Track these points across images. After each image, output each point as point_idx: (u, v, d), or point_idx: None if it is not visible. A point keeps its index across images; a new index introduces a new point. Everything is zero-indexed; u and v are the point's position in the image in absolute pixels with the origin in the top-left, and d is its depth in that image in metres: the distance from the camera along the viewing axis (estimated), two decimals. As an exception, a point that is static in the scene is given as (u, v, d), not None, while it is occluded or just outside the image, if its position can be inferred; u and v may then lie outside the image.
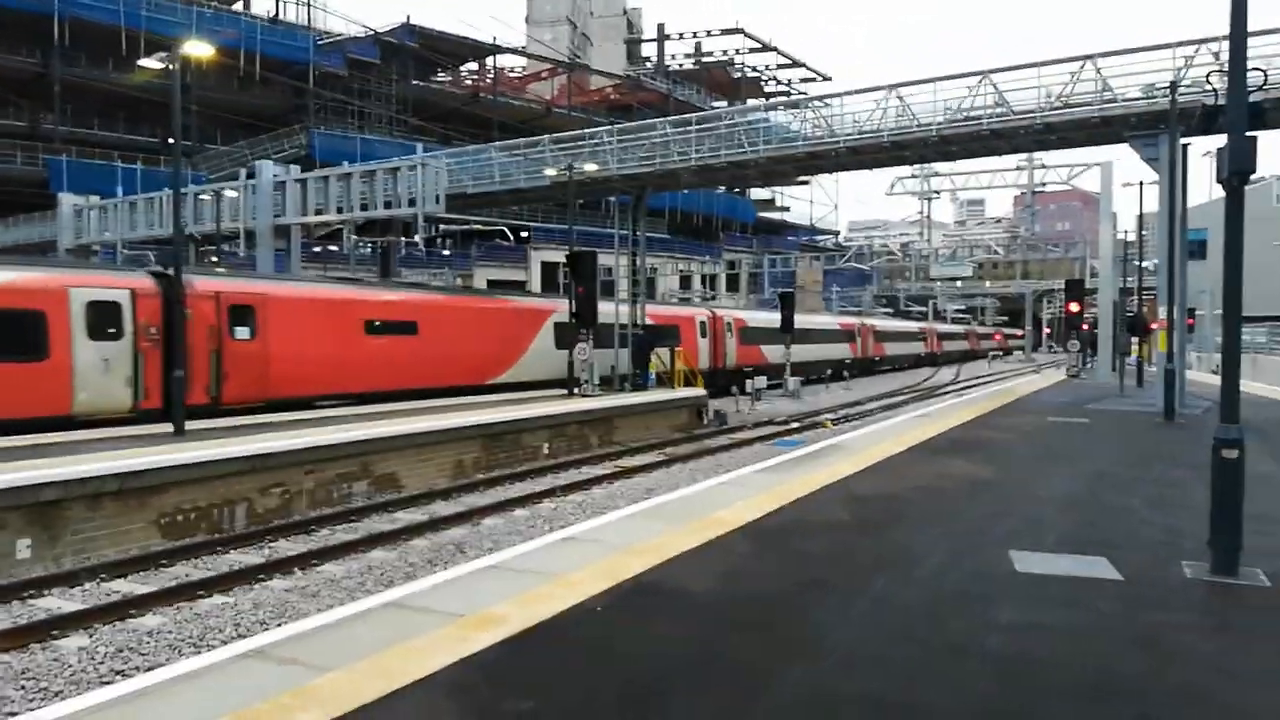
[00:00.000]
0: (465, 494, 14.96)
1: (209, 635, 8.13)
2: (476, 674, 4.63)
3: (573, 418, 19.96)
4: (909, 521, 8.27)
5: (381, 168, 28.76)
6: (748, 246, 75.22)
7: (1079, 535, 7.77)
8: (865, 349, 52.73)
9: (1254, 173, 6.49)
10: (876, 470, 11.27)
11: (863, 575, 6.48)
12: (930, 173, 61.47)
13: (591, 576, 6.37)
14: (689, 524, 8.05)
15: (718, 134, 25.03)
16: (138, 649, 7.79)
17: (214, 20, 45.98)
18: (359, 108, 53.77)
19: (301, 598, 9.23)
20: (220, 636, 8.06)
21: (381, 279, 33.58)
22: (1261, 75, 12.63)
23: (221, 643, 7.75)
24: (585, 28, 79.35)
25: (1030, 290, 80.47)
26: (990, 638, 5.25)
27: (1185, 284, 18.86)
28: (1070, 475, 11.00)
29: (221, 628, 8.33)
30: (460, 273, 50.37)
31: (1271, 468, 11.38)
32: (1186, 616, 5.73)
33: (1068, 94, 20.91)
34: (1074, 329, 37.30)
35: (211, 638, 8.05)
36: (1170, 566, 6.75)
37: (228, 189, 32.54)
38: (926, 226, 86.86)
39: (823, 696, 4.42)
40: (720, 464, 18.07)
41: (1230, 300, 6.65)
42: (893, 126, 22.51)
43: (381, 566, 10.46)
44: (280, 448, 13.04)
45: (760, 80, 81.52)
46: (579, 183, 26.03)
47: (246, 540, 11.60)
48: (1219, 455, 6.42)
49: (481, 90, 62.42)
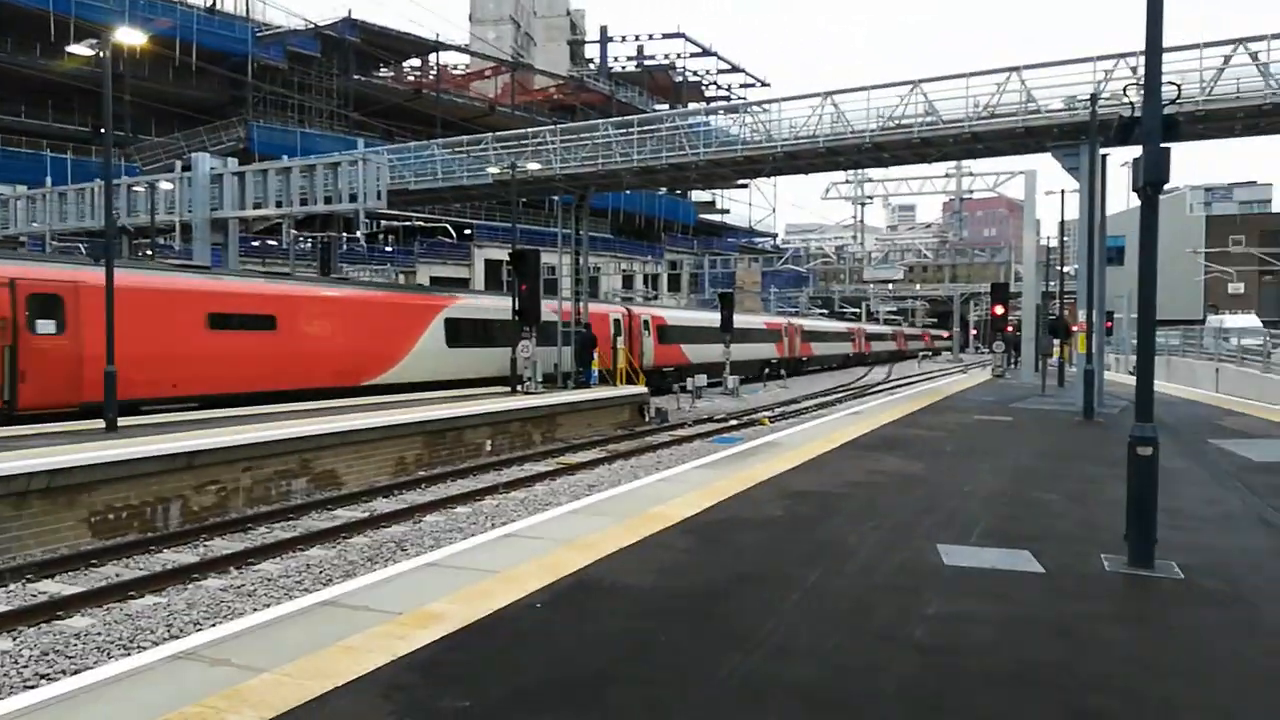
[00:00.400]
0: (407, 491, 14.86)
1: (140, 636, 7.97)
2: (414, 673, 4.63)
3: (516, 415, 19.93)
4: (841, 516, 8.47)
5: (322, 162, 28.33)
6: (689, 247, 75.78)
7: (1003, 529, 8.04)
8: (792, 349, 52.20)
9: (1168, 183, 6.80)
10: (811, 467, 11.50)
11: (796, 569, 6.64)
12: (864, 178, 62.65)
13: (533, 572, 6.43)
14: (629, 520, 8.15)
15: (659, 136, 25.25)
16: (64, 651, 7.61)
17: (148, 8, 44.71)
18: (299, 101, 52.81)
19: (237, 597, 9.11)
20: (151, 638, 7.91)
21: (325, 274, 32.99)
22: (1175, 89, 13.21)
23: (153, 644, 7.62)
24: (529, 28, 79.11)
25: (958, 293, 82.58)
26: (917, 628, 5.43)
27: (1104, 289, 19.56)
28: (995, 471, 11.35)
29: (153, 628, 8.18)
30: (403, 269, 49.80)
31: (1184, 464, 11.88)
32: (1105, 607, 5.96)
33: (994, 104, 21.55)
34: (999, 331, 38.37)
35: (142, 639, 7.90)
36: (1090, 559, 7.02)
37: (162, 181, 31.71)
38: (860, 230, 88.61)
39: (755, 685, 4.54)
40: (661, 460, 18.23)
41: (1144, 305, 6.94)
42: (828, 133, 22.97)
43: (320, 564, 10.36)
44: (216, 444, 12.82)
45: (701, 84, 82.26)
46: (522, 181, 25.98)
47: (181, 539, 11.39)
48: (1134, 452, 6.69)
49: (424, 87, 61.78)
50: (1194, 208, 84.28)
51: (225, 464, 12.92)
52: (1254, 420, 18.44)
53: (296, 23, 53.88)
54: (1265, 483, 10.56)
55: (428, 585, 6.15)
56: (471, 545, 7.45)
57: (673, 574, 6.53)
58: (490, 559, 6.83)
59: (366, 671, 4.61)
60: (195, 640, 5.17)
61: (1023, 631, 5.44)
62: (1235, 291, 66.18)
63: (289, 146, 42.41)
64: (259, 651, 4.90)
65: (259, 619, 5.53)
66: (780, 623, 5.45)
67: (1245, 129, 20.97)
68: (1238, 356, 33.92)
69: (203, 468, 12.56)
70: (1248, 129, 20.98)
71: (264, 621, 5.46)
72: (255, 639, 5.14)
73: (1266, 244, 53.03)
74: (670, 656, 4.93)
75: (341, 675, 4.55)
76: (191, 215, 29.62)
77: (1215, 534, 7.98)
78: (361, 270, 45.57)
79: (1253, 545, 7.60)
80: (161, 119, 48.74)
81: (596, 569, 6.57)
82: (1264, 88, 19.11)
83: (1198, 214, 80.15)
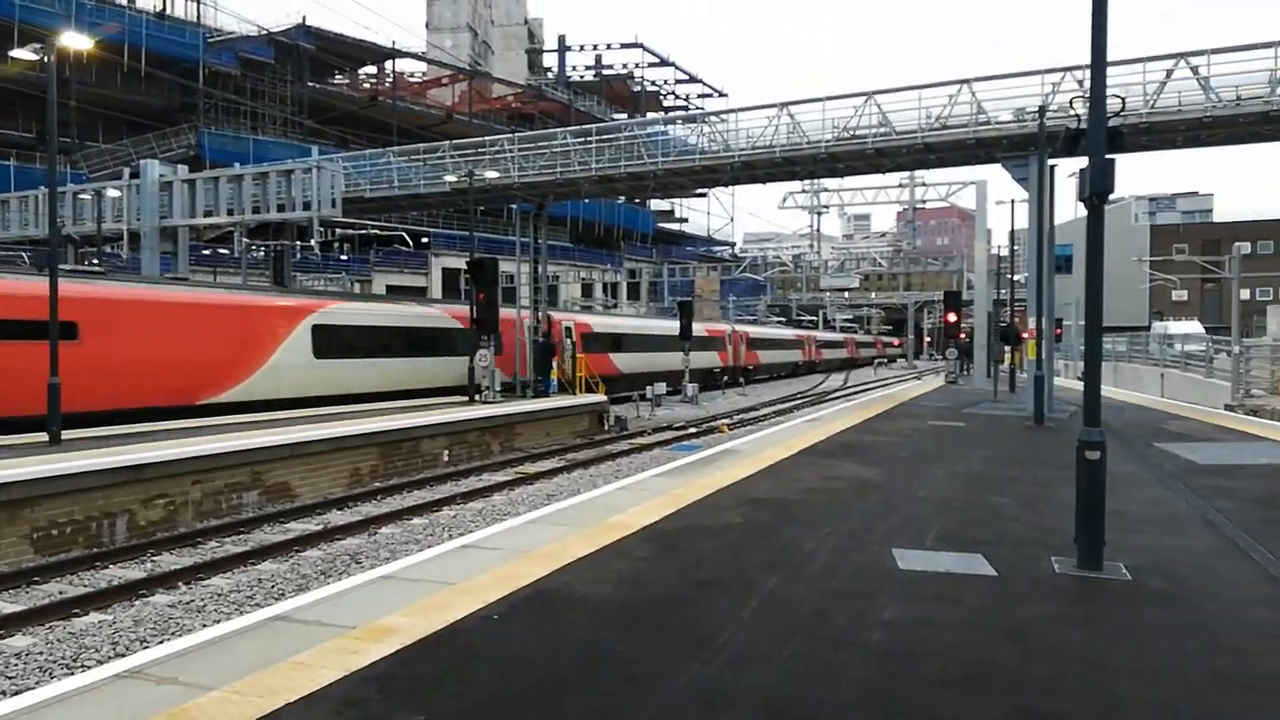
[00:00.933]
0: (361, 503, 14.67)
1: (84, 655, 7.77)
2: (368, 687, 4.55)
3: (473, 424, 19.79)
4: (799, 523, 8.52)
5: (275, 169, 27.97)
6: (648, 256, 75.94)
7: (957, 533, 8.14)
8: (737, 357, 49.65)
9: (1112, 192, 6.95)
10: (769, 474, 11.55)
11: (755, 575, 6.66)
12: (819, 188, 63.45)
13: (489, 584, 6.37)
14: (588, 529, 8.12)
15: (618, 145, 25.35)
16: (3, 672, 7.38)
17: (95, 12, 43.83)
18: (252, 108, 52.04)
19: (186, 613, 8.91)
20: (96, 656, 7.71)
21: (279, 283, 32.52)
22: (1120, 102, 13.55)
23: (97, 663, 7.43)
24: (486, 36, 78.94)
25: (912, 301, 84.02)
26: (874, 633, 5.46)
27: (1053, 296, 19.97)
28: (949, 476, 11.50)
29: (98, 647, 7.97)
30: (358, 278, 49.25)
31: (1132, 468, 12.13)
32: (1055, 609, 6.04)
33: (946, 116, 21.96)
34: (952, 338, 39.04)
35: (86, 658, 7.70)
36: (1041, 562, 7.13)
37: (110, 188, 31.04)
38: (816, 239, 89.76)
39: (713, 693, 4.54)
40: (620, 469, 18.22)
41: (1092, 312, 7.08)
42: (784, 143, 23.27)
43: (272, 579, 10.17)
44: (163, 457, 12.55)
45: (659, 94, 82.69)
46: (480, 190, 25.88)
47: (128, 554, 11.13)
48: (1083, 456, 6.81)
49: (380, 94, 61.32)
50: (1139, 217, 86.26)
51: (173, 477, 12.65)
52: (1197, 424, 18.91)
53: (249, 29, 53.11)
54: (1208, 484, 10.82)
55: (382, 598, 6.06)
56: (428, 557, 7.36)
57: (632, 583, 6.51)
58: (447, 571, 6.76)
59: (319, 687, 4.52)
60: (141, 658, 5.03)
61: (976, 634, 5.50)
62: (1179, 299, 67.95)
63: (241, 154, 41.80)
64: (208, 669, 4.79)
65: (208, 635, 5.41)
66: (739, 630, 5.46)
67: (1187, 141, 21.59)
68: (1182, 362, 34.86)
69: (150, 481, 12.29)
70: (1189, 141, 21.60)
71: (213, 638, 5.34)
72: (204, 656, 5.02)
73: (1208, 252, 54.49)
74: (628, 666, 4.91)
75: (293, 691, 4.45)
76: (140, 224, 29.03)
77: (1161, 535, 8.15)
78: (316, 279, 45.00)
79: (1197, 546, 7.77)
80: (109, 125, 47.75)
81: (555, 579, 6.52)
82: (1204, 101, 19.70)
83: (1142, 223, 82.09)
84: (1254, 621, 5.76)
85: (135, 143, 45.93)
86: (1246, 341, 31.49)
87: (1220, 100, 19.66)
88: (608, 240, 70.79)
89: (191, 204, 28.56)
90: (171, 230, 29.07)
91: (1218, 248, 54.58)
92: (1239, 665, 5.01)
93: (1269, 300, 57.65)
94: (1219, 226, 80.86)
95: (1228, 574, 6.86)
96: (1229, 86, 19.76)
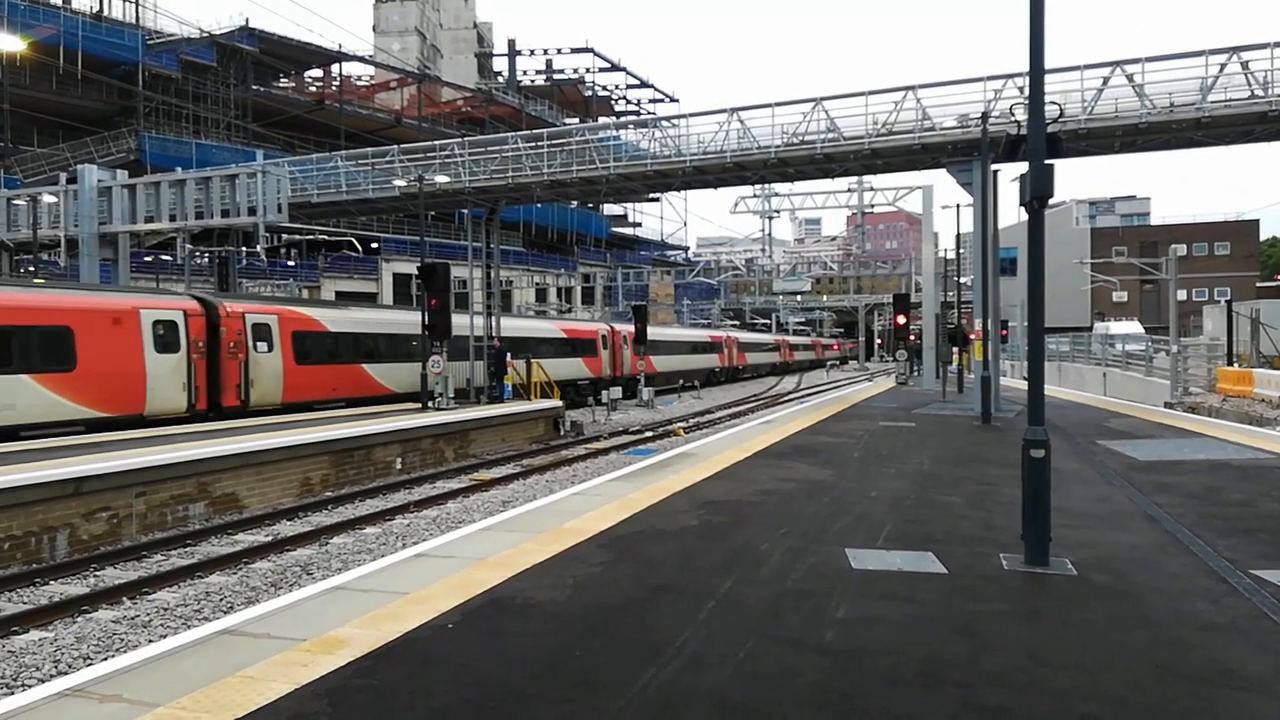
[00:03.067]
0: (312, 513, 14.44)
1: (24, 674, 7.53)
2: (319, 701, 4.49)
3: (426, 431, 19.59)
4: (754, 524, 8.58)
5: (218, 174, 27.41)
6: (602, 260, 75.96)
7: (908, 532, 8.27)
8: (618, 364, 40.16)
9: (1052, 197, 7.14)
10: (724, 476, 11.63)
11: (710, 578, 6.69)
12: (770, 192, 64.06)
13: (443, 592, 6.31)
14: (544, 535, 8.09)
15: (569, 150, 25.31)
16: (-61, 694, 7.14)
17: (29, 13, 42.63)
18: (194, 111, 51.00)
19: (131, 628, 8.69)
20: (37, 675, 7.48)
21: (224, 289, 31.87)
22: (1058, 109, 13.90)
23: (38, 681, 7.22)
24: (435, 40, 78.35)
25: (863, 304, 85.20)
26: (828, 632, 5.53)
27: (998, 298, 20.40)
28: (899, 476, 11.67)
29: (39, 665, 7.73)
30: (307, 284, 48.52)
31: (1076, 465, 12.42)
32: (1003, 605, 6.16)
33: (892, 122, 22.30)
34: (901, 340, 39.68)
35: (26, 676, 7.47)
36: (989, 559, 7.27)
37: (46, 194, 30.17)
38: (768, 244, 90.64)
39: (669, 697, 4.55)
40: (576, 474, 18.18)
41: (1034, 313, 7.25)
42: (735, 148, 23.44)
43: (220, 591, 9.97)
44: (106, 469, 12.23)
45: (611, 99, 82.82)
46: (431, 194, 25.66)
47: (69, 569, 10.82)
48: (1028, 455, 6.97)
49: (327, 98, 60.48)
50: (1079, 220, 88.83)
51: (117, 489, 12.33)
52: (1139, 421, 19.44)
53: (190, 31, 52.10)
54: (1149, 480, 11.12)
55: (334, 609, 5.98)
56: (381, 567, 7.28)
57: (587, 588, 6.50)
58: (400, 580, 6.69)
59: (268, 701, 4.45)
60: (84, 675, 4.91)
61: (927, 631, 5.59)
62: (1119, 300, 69.84)
63: (183, 158, 40.97)
64: (153, 685, 4.68)
65: (154, 650, 5.28)
66: (695, 632, 5.48)
67: (1124, 146, 22.19)
68: (1123, 361, 35.81)
69: (92, 494, 11.97)
70: (1126, 146, 22.20)
71: (159, 653, 5.22)
72: (149, 672, 4.91)
73: (1146, 254, 56.01)
74: (584, 672, 4.90)
75: (241, 707, 4.37)
76: (78, 230, 28.23)
77: (1105, 531, 8.35)
78: (263, 285, 44.23)
79: (1139, 541, 7.98)
80: (45, 129, 46.47)
81: (510, 586, 6.49)
82: (1140, 108, 20.26)
83: (1083, 226, 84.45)
84: (1193, 613, 5.94)
85: (72, 147, 44.71)
86: (1184, 341, 32.48)
87: (1155, 107, 20.23)
88: (561, 244, 70.66)
89: (132, 210, 27.85)
90: (111, 237, 28.31)
91: (1155, 250, 56.16)
92: (1180, 656, 5.15)
93: (1205, 301, 59.47)
94: (1156, 229, 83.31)
95: (1169, 568, 7.06)
96: (1163, 94, 20.35)
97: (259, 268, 43.76)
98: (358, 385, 24.18)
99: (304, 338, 22.65)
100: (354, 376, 24.22)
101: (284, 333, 21.95)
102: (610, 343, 39.78)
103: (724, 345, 59.24)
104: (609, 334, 40.01)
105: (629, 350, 40.35)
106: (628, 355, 40.44)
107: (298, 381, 22.13)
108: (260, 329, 21.30)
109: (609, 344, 39.66)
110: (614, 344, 40.09)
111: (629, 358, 40.38)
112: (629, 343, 40.24)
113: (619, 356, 40.27)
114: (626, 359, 40.55)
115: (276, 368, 21.62)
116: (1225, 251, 76.29)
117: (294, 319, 22.61)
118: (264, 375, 21.25)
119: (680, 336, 52.84)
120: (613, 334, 40.21)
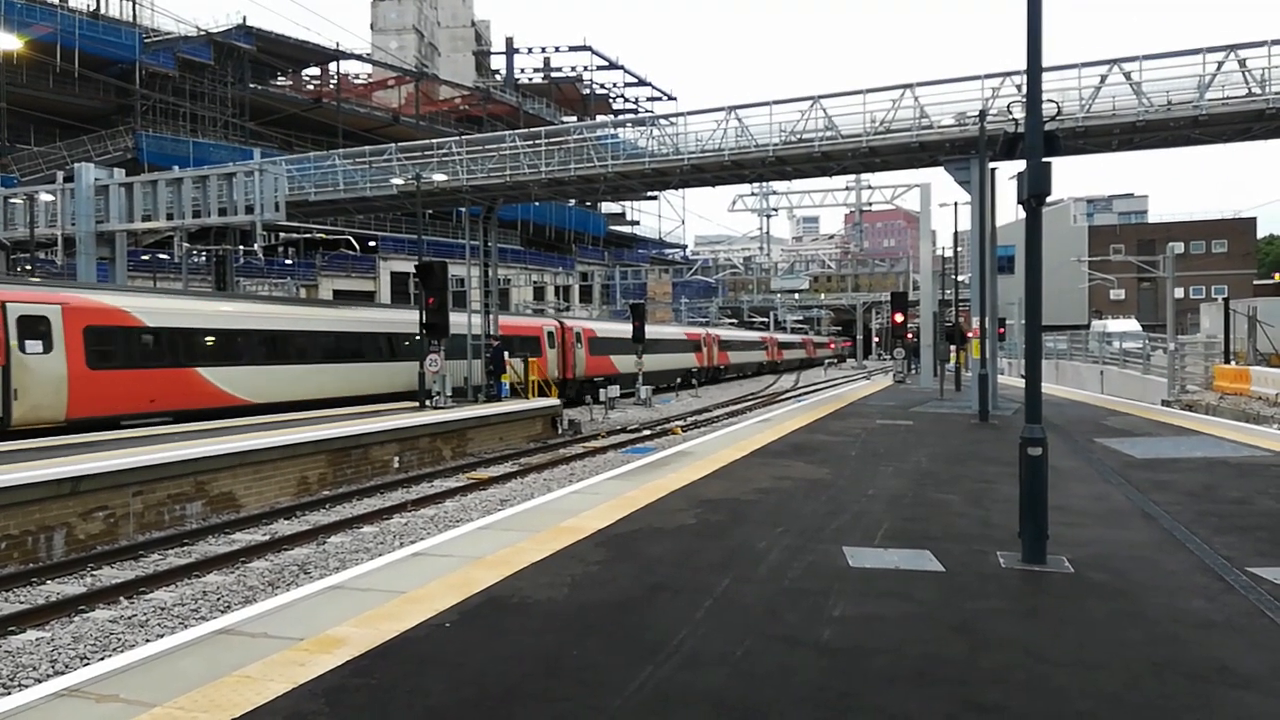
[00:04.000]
0: (310, 512, 14.43)
1: (20, 674, 7.53)
2: (317, 700, 4.48)
3: (424, 430, 19.58)
4: (751, 523, 8.58)
5: (216, 173, 27.37)
6: (599, 259, 75.92)
7: (905, 530, 8.27)
8: (569, 365, 35.96)
9: (1050, 195, 7.14)
10: (722, 474, 11.62)
11: (708, 576, 6.69)
12: (768, 191, 64.03)
13: (441, 591, 6.31)
14: (542, 534, 8.09)
15: (567, 148, 25.29)
16: (-64, 694, 7.13)
17: (25, 11, 42.52)
18: (191, 110, 50.87)
19: (128, 628, 8.68)
20: (34, 674, 7.48)
21: (217, 290, 31.83)
22: (1055, 107, 13.90)
23: (35, 681, 7.21)
24: (432, 38, 78.24)
25: (860, 302, 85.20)
26: (825, 630, 5.53)
27: (996, 296, 20.42)
28: (897, 474, 11.67)
29: (35, 665, 7.73)
30: (304, 283, 48.48)
31: (1073, 463, 12.43)
32: (1001, 603, 6.16)
33: (890, 120, 22.30)
34: (899, 338, 39.67)
35: (23, 676, 7.46)
36: (987, 557, 7.27)
37: (42, 192, 30.11)
38: (766, 242, 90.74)
39: (666, 695, 4.55)
40: (574, 473, 18.18)
41: (1031, 311, 7.26)
42: (733, 146, 23.45)
43: (218, 591, 9.96)
44: (102, 468, 12.22)
45: (609, 97, 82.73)
46: (428, 193, 25.64)
47: (66, 569, 10.82)
48: (1025, 453, 6.98)
49: (325, 96, 60.38)
50: (1077, 218, 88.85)
51: (114, 488, 12.32)
52: (1136, 419, 19.45)
53: (187, 29, 51.96)
54: (1147, 478, 11.13)
55: (332, 609, 5.97)
56: (378, 566, 7.27)
57: (585, 587, 6.50)
58: (398, 579, 6.68)
59: (266, 701, 4.44)
60: (81, 675, 4.90)
61: (925, 630, 5.59)
62: (1116, 298, 69.84)
63: (181, 157, 40.90)
64: (151, 685, 4.68)
65: (151, 650, 5.28)
66: (692, 631, 5.48)
67: (1121, 144, 22.20)
68: (1120, 359, 35.84)
69: (89, 493, 11.95)
70: (1124, 144, 22.21)
71: (156, 653, 5.21)
72: (147, 672, 4.90)
73: (1143, 252, 56.08)
74: (582, 671, 4.90)
75: (239, 706, 4.37)
76: (75, 228, 28.19)
77: (1102, 529, 8.36)
78: (260, 284, 44.20)
79: (1136, 539, 7.98)
80: (42, 128, 46.36)
81: (507, 585, 6.49)
82: (1137, 105, 20.27)
83: (1081, 224, 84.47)
84: (1190, 611, 5.94)
85: (69, 145, 44.63)
86: (1181, 339, 32.52)
87: (1152, 105, 20.24)
88: (559, 243, 70.63)
89: (129, 208, 27.81)
90: (108, 235, 28.26)
91: (1153, 247, 56.25)
92: (1177, 654, 5.16)
93: (1202, 298, 59.56)
94: (1154, 227, 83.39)
95: (1166, 566, 7.07)
96: (1160, 92, 20.36)
97: (256, 266, 43.71)
98: (190, 394, 19.83)
99: (105, 335, 18.22)
100: (184, 383, 19.81)
101: (71, 328, 17.43)
102: (559, 341, 34.88)
103: (703, 343, 53.97)
104: (557, 330, 34.96)
105: (583, 349, 36.61)
106: (581, 355, 36.50)
107: (92, 391, 17.62)
108: (30, 323, 16.73)
109: (557, 342, 34.66)
110: (564, 342, 35.28)
111: (583, 358, 36.56)
112: (583, 340, 36.65)
113: (571, 356, 35.75)
114: (580, 359, 36.41)
115: (58, 373, 17.07)
116: (1223, 249, 76.37)
117: (88, 311, 17.98)
118: (35, 383, 16.66)
119: (663, 335, 47.27)
120: (562, 330, 35.36)
